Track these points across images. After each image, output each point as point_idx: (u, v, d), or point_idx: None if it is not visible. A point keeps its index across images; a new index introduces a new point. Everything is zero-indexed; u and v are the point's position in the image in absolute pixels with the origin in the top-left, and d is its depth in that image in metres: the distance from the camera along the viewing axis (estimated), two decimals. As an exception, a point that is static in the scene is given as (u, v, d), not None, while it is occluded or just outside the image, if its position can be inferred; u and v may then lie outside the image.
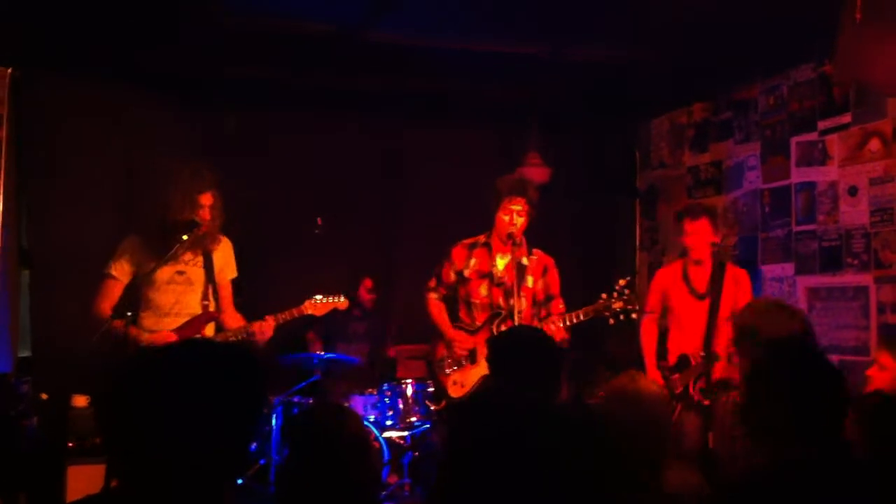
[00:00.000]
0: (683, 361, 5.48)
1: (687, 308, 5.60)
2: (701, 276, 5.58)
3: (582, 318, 5.13)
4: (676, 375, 5.48)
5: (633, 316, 5.31)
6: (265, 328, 4.96)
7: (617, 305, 5.07)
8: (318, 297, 5.13)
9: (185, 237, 4.79)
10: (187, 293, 5.00)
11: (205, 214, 4.91)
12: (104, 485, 4.78)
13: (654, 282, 5.91)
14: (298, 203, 7.32)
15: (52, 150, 6.35)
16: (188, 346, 1.90)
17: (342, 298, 5.23)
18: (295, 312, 5.07)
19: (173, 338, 4.78)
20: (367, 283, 7.48)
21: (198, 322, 5.00)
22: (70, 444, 5.19)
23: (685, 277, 5.64)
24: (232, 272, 5.23)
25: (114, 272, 4.92)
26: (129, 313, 4.61)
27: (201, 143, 6.79)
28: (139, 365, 1.79)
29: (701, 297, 5.56)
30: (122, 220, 6.63)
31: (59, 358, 5.95)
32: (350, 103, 7.38)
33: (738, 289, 5.51)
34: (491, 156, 7.56)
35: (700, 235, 5.56)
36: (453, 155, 7.85)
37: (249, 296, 5.37)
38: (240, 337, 4.96)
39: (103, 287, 4.93)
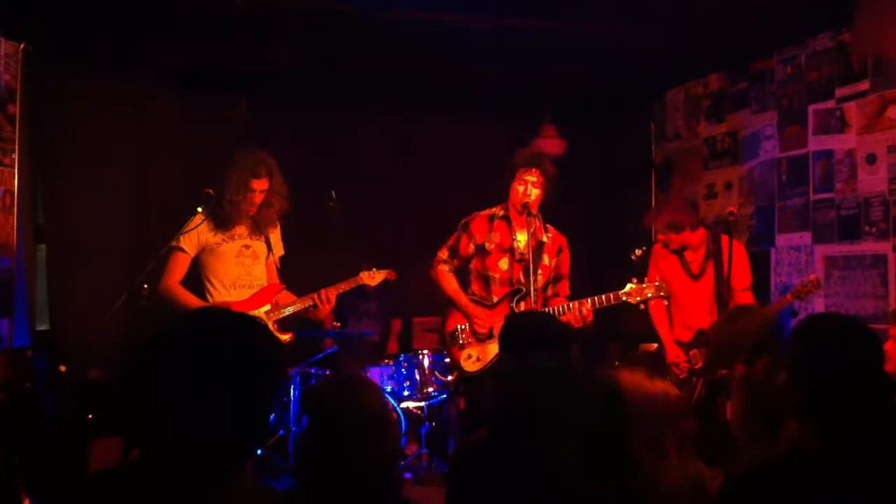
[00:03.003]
0: (702, 337, 5.46)
1: (684, 289, 5.59)
2: (695, 256, 5.60)
3: (612, 300, 4.99)
4: (695, 351, 5.46)
5: (665, 303, 5.29)
6: (330, 296, 5.13)
7: (648, 291, 4.97)
8: (373, 269, 5.35)
9: (199, 209, 4.94)
10: (255, 266, 5.21)
11: (255, 199, 5.10)
12: (122, 457, 4.82)
13: (651, 256, 5.83)
14: (306, 187, 7.28)
15: (67, 126, 6.35)
16: (204, 316, 1.89)
17: (391, 271, 5.47)
18: (352, 283, 5.25)
19: (246, 308, 4.95)
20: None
21: (268, 293, 5.20)
22: (89, 417, 5.22)
23: (680, 256, 5.65)
24: (281, 250, 5.41)
25: (183, 245, 5.04)
26: (145, 286, 4.65)
27: (214, 128, 6.81)
28: (157, 338, 1.78)
29: (695, 278, 5.57)
30: (135, 197, 6.69)
31: (76, 331, 5.99)
32: (358, 87, 7.35)
33: (733, 257, 5.45)
34: (500, 134, 7.46)
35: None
36: (462, 135, 7.81)
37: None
38: (304, 307, 5.13)
39: (172, 260, 5.05)
